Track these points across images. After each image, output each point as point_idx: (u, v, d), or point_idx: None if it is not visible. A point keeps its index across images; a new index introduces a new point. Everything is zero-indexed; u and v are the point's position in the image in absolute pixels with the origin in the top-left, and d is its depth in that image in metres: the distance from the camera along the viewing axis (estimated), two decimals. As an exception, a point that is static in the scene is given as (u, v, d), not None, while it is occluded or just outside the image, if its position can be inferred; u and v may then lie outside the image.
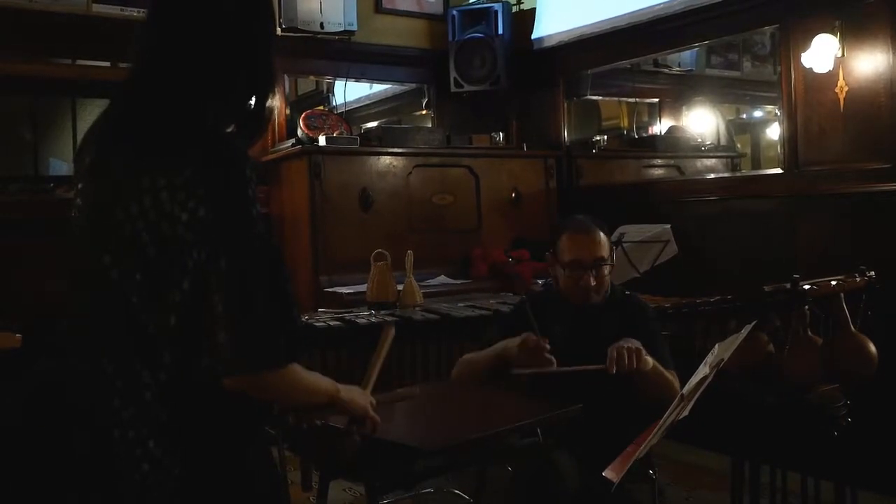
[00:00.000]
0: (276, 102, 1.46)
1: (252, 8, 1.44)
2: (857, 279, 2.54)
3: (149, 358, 1.30)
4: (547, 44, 5.14)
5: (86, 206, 1.39)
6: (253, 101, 1.44)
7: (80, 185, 1.41)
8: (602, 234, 2.61)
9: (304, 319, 2.63)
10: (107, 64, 4.47)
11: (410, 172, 4.59)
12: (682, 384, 1.80)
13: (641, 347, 2.32)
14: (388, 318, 3.26)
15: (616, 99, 6.57)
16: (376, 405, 1.69)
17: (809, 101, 3.83)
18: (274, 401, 1.43)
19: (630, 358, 2.27)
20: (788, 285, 2.46)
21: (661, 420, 1.82)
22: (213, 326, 1.26)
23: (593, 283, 2.56)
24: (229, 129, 1.40)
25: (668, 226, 3.80)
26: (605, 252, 2.59)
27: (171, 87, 1.37)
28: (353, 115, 5.58)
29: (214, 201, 1.27)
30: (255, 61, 1.43)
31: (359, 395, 1.65)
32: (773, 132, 6.64)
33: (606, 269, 2.59)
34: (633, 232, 3.72)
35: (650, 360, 2.33)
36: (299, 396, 1.47)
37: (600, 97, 6.22)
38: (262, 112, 1.45)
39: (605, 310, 2.60)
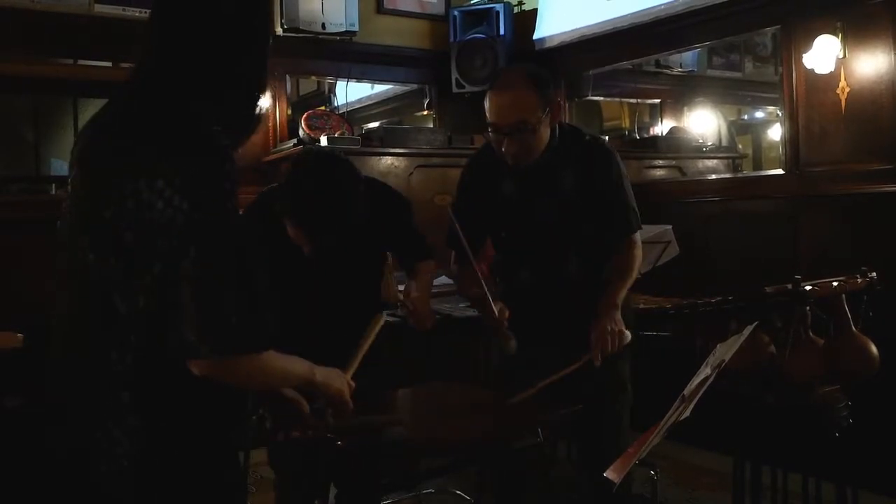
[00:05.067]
0: (265, 103, 1.48)
1: (248, 10, 1.46)
2: (859, 280, 2.54)
3: (117, 339, 1.32)
4: (548, 44, 5.14)
5: (73, 194, 1.42)
6: (244, 102, 1.47)
7: (71, 176, 1.45)
8: (527, 92, 2.29)
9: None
10: (108, 64, 4.47)
11: (412, 173, 4.59)
12: (684, 385, 1.80)
13: (623, 329, 2.30)
14: (389, 318, 3.26)
15: (617, 99, 6.57)
16: (353, 388, 1.71)
17: (811, 102, 3.83)
18: (246, 387, 1.45)
19: (613, 342, 2.26)
20: (790, 286, 2.46)
21: (663, 421, 1.82)
22: (182, 311, 1.28)
23: (514, 147, 2.31)
24: (217, 127, 1.41)
25: (670, 226, 3.80)
26: (527, 114, 2.27)
27: (165, 86, 1.39)
28: (355, 115, 5.59)
29: (190, 192, 1.29)
30: (249, 63, 1.46)
31: (336, 379, 1.67)
32: (775, 133, 6.65)
33: (532, 135, 2.30)
34: (635, 232, 3.72)
35: (627, 333, 2.32)
36: (272, 382, 1.50)
37: (602, 98, 6.22)
38: (252, 113, 1.48)
39: (561, 160, 2.41)
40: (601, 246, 2.46)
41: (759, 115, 7.56)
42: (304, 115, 4.63)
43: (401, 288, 3.63)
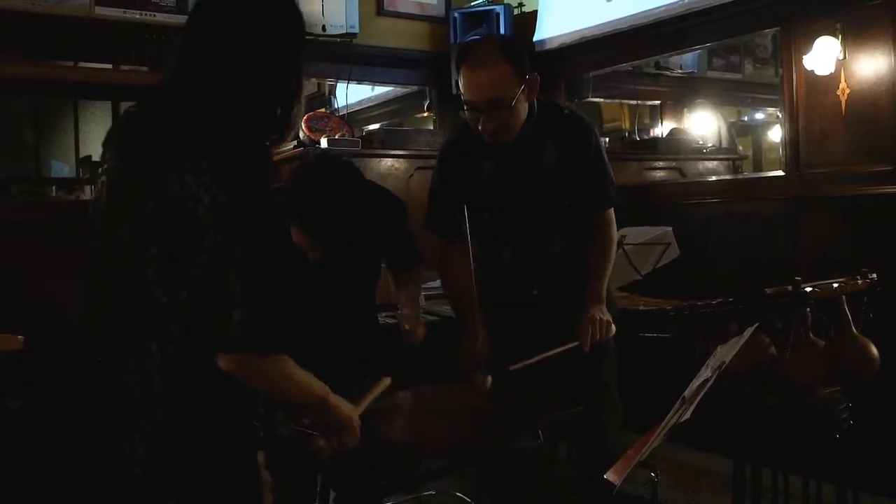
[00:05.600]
0: (301, 109, 1.53)
1: (279, 18, 1.48)
2: (859, 281, 2.54)
3: (157, 330, 1.34)
4: (548, 46, 5.14)
5: (111, 186, 1.44)
6: (280, 104, 1.49)
7: (105, 167, 1.46)
8: (502, 68, 2.19)
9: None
10: (109, 66, 4.47)
11: (412, 175, 4.59)
12: (684, 387, 1.80)
13: (611, 319, 2.31)
14: (388, 321, 3.26)
15: (617, 101, 6.58)
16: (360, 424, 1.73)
17: (811, 104, 3.83)
18: (264, 387, 1.47)
19: (601, 331, 2.26)
20: (790, 287, 2.46)
21: (663, 422, 1.82)
22: (226, 305, 1.30)
23: (491, 125, 2.24)
24: (256, 130, 1.45)
25: (670, 228, 3.80)
26: (503, 90, 2.18)
27: (203, 91, 1.42)
28: (355, 117, 5.59)
29: (235, 189, 1.32)
30: (281, 67, 1.48)
31: (347, 406, 1.69)
32: (775, 134, 6.67)
33: (509, 111, 2.22)
34: (635, 234, 3.72)
35: (613, 327, 2.32)
36: (290, 389, 1.51)
37: (602, 99, 6.22)
38: (287, 117, 1.50)
39: (541, 136, 2.36)
40: (584, 222, 2.45)
41: (759, 116, 7.57)
42: (305, 117, 4.63)
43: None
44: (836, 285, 2.50)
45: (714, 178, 5.58)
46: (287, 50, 1.48)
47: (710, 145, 6.37)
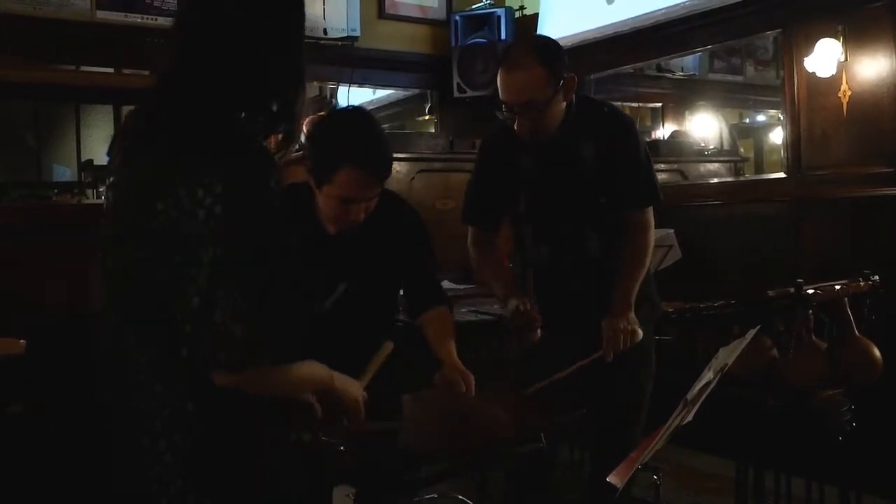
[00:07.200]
0: (302, 108, 1.48)
1: (280, 16, 1.44)
2: (861, 283, 2.53)
3: (177, 346, 1.31)
4: (549, 49, 5.14)
5: (117, 201, 1.42)
6: (281, 107, 1.45)
7: (111, 180, 1.45)
8: (535, 70, 2.23)
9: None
10: (110, 70, 4.48)
11: (413, 178, 4.59)
12: (686, 389, 1.80)
13: (637, 328, 2.30)
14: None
15: (619, 104, 6.57)
16: (367, 399, 1.71)
17: (812, 106, 3.82)
18: (268, 395, 1.44)
19: (625, 341, 2.26)
20: (792, 290, 2.46)
21: (665, 425, 1.82)
22: (228, 320, 1.26)
23: (526, 126, 2.28)
24: (258, 134, 1.41)
25: (672, 230, 3.80)
26: (536, 93, 2.23)
27: (201, 92, 1.38)
28: (356, 120, 5.58)
29: (233, 200, 1.28)
30: (281, 68, 1.44)
31: (352, 386, 1.68)
32: (777, 136, 6.67)
33: (543, 112, 2.26)
34: (637, 236, 3.71)
35: (639, 332, 2.31)
36: (295, 389, 1.49)
37: (603, 102, 6.22)
38: (291, 118, 1.46)
39: (579, 133, 2.36)
40: (623, 222, 2.44)
41: (761, 118, 7.57)
42: (306, 121, 4.62)
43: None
44: (838, 287, 2.50)
45: (716, 180, 5.57)
46: (288, 49, 1.44)
47: (711, 147, 6.37)
